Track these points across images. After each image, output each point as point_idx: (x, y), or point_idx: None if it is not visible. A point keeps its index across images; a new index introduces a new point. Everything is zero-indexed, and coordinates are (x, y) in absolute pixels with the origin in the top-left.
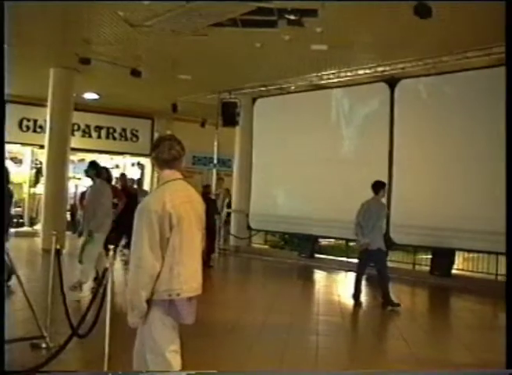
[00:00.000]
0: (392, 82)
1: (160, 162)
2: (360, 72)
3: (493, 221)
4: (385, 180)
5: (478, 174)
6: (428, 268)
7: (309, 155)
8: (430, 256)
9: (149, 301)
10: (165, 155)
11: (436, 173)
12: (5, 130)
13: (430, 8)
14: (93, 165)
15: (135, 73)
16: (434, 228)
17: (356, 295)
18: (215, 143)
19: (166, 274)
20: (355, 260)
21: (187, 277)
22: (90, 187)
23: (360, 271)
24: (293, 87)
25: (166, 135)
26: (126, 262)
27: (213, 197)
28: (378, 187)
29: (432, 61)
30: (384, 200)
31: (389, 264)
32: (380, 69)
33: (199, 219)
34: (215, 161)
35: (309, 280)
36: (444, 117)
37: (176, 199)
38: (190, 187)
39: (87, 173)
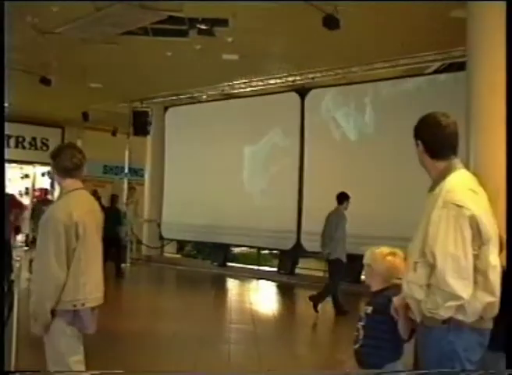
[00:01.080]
0: (302, 92)
1: (61, 171)
2: (272, 81)
3: (403, 227)
4: (295, 188)
5: (388, 181)
6: None
7: (220, 164)
8: None
9: (53, 312)
10: (66, 163)
11: (347, 181)
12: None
13: (338, 20)
14: None
15: (45, 80)
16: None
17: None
18: (127, 152)
19: (72, 284)
20: (266, 268)
21: (92, 287)
22: None
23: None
24: (204, 97)
25: (67, 143)
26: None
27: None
28: (341, 198)
29: (342, 71)
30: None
31: (301, 271)
32: (291, 78)
33: (100, 228)
34: (127, 170)
35: (221, 288)
36: (353, 126)
37: (81, 209)
38: (91, 196)
39: None
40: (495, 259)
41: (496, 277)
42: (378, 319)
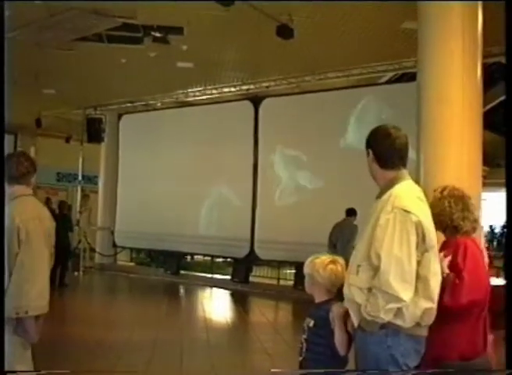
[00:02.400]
0: (256, 100)
1: (8, 178)
2: (226, 90)
3: None
4: (249, 196)
5: (333, 190)
6: (292, 282)
7: (175, 172)
8: (294, 271)
9: None
10: (12, 171)
11: (299, 190)
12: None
13: (292, 30)
14: None
15: None
16: (297, 243)
17: None
18: (80, 159)
19: (14, 291)
20: (220, 276)
21: (36, 295)
22: None
23: None
24: (159, 104)
25: (15, 151)
26: None
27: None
28: (350, 212)
29: (296, 80)
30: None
31: (255, 280)
32: (245, 87)
33: (48, 236)
34: (80, 177)
35: (174, 296)
36: (305, 135)
37: (24, 214)
38: (40, 203)
39: None
40: (436, 267)
41: (436, 284)
42: (319, 333)
